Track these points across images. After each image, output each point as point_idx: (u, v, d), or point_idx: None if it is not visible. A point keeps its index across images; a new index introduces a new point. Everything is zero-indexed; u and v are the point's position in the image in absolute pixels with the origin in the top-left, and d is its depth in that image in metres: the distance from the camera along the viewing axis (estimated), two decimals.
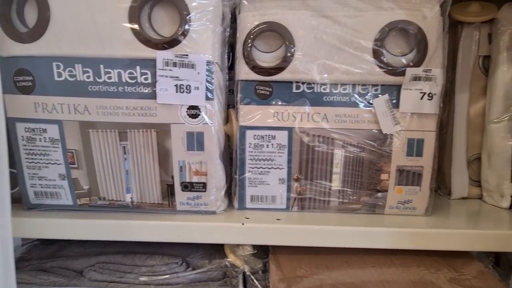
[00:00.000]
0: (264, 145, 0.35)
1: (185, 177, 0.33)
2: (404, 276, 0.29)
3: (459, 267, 0.31)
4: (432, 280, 0.28)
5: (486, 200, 0.43)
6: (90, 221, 0.32)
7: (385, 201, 0.35)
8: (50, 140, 0.32)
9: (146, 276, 0.30)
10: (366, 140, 0.34)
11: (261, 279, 0.31)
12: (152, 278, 0.30)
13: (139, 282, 0.29)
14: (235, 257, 0.32)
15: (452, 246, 0.31)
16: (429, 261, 0.32)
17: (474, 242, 0.32)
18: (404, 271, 0.30)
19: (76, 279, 0.30)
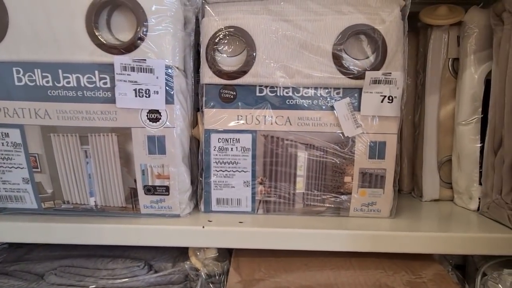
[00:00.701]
0: (229, 148, 0.36)
1: (148, 180, 0.33)
2: (360, 279, 0.29)
3: (417, 270, 0.31)
4: (388, 283, 0.28)
5: (456, 202, 0.43)
6: (54, 224, 0.32)
7: (350, 203, 0.36)
8: (13, 145, 0.32)
9: (105, 279, 0.30)
10: (329, 143, 0.34)
11: (217, 282, 0.31)
12: (111, 281, 0.30)
13: (97, 285, 0.30)
14: (196, 260, 0.33)
15: (412, 249, 0.31)
16: (388, 263, 0.32)
17: (434, 245, 0.32)
18: (361, 274, 0.30)
19: (35, 283, 0.30)
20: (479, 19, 0.39)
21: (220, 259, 0.32)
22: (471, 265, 0.39)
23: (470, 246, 0.32)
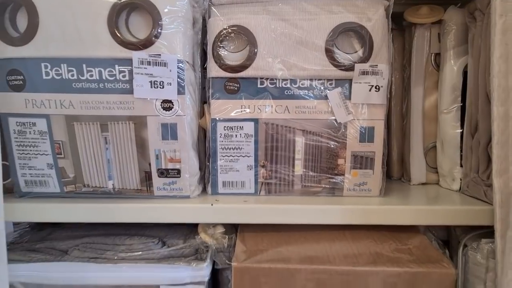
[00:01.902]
0: (233, 135, 0.39)
1: (161, 164, 0.37)
2: (353, 248, 0.33)
3: (403, 240, 0.35)
4: (377, 251, 0.32)
5: (441, 184, 0.47)
6: (75, 205, 0.36)
7: (343, 184, 0.39)
8: (39, 133, 0.36)
9: (124, 252, 0.33)
10: (323, 128, 0.38)
11: (226, 252, 0.34)
12: (129, 254, 0.33)
13: (117, 257, 0.33)
14: (206, 235, 0.36)
15: (398, 221, 0.35)
16: (378, 235, 0.36)
17: (419, 217, 0.35)
18: (354, 244, 0.34)
19: (61, 256, 0.34)
20: (456, 17, 0.43)
21: (227, 234, 0.36)
22: (454, 239, 0.42)
23: (451, 217, 0.36)
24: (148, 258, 0.33)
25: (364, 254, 0.32)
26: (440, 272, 0.30)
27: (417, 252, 0.32)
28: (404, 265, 0.30)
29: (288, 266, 0.31)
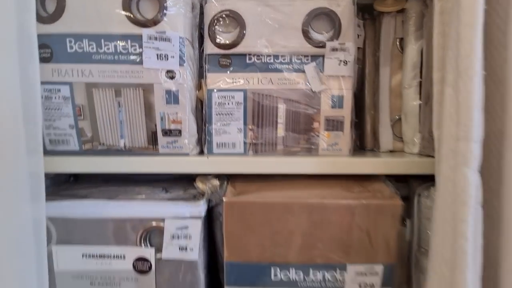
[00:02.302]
0: (226, 103, 0.46)
1: (165, 125, 0.44)
2: (323, 191, 0.40)
3: (366, 185, 0.42)
4: (342, 191, 0.39)
5: (405, 150, 0.54)
6: (93, 158, 0.43)
7: (318, 144, 0.47)
8: (63, 98, 0.43)
9: (134, 195, 0.40)
10: (301, 97, 0.46)
11: (218, 194, 0.41)
12: (138, 196, 0.40)
13: (128, 198, 0.39)
14: (202, 185, 0.43)
15: (363, 170, 0.42)
16: (346, 182, 0.43)
17: (380, 166, 0.43)
18: (327, 190, 0.41)
19: (82, 198, 0.40)
20: (416, 6, 0.51)
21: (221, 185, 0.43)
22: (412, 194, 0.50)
23: (406, 166, 0.43)
24: (153, 199, 0.40)
25: (331, 194, 0.39)
26: (389, 204, 0.37)
27: (374, 192, 0.40)
28: (361, 199, 0.38)
29: (270, 201, 0.38)
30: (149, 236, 0.39)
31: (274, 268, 0.40)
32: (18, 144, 0.36)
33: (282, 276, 0.40)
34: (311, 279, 0.39)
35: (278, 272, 0.40)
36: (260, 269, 0.40)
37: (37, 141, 0.37)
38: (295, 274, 0.40)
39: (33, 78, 0.37)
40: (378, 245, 0.38)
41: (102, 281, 0.39)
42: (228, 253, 0.39)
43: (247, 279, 0.40)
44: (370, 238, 0.38)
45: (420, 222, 0.46)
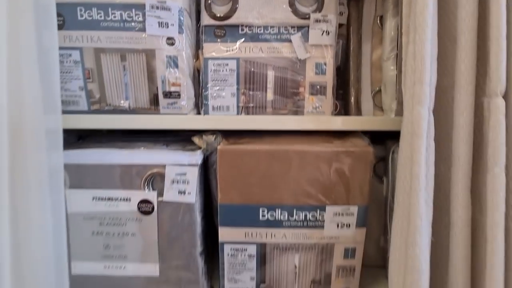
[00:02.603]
0: (220, 70, 0.51)
1: (166, 87, 0.48)
2: (305, 143, 0.45)
3: (345, 140, 0.47)
4: (325, 144, 0.44)
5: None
6: (101, 115, 0.47)
7: (304, 107, 0.52)
8: (74, 62, 0.47)
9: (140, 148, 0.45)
10: (288, 64, 0.51)
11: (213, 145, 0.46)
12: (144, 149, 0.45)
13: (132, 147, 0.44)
14: (199, 141, 0.48)
15: (343, 127, 0.47)
16: (327, 138, 0.48)
17: (357, 123, 0.48)
18: (310, 143, 0.46)
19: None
20: None
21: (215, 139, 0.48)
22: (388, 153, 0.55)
23: (381, 123, 0.49)
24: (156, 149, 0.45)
25: (312, 144, 0.44)
26: (362, 150, 0.43)
27: (350, 143, 0.45)
28: (336, 147, 0.43)
29: (258, 148, 0.43)
30: (152, 181, 0.44)
31: (262, 209, 0.45)
32: (36, 105, 0.40)
33: (269, 216, 0.45)
34: (294, 219, 0.45)
35: (265, 213, 0.45)
36: (250, 210, 0.45)
37: (56, 101, 0.42)
38: (280, 214, 0.45)
39: (52, 43, 0.41)
40: (353, 189, 0.43)
41: (110, 221, 0.44)
42: (221, 196, 0.44)
43: (238, 220, 0.45)
44: (346, 182, 0.43)
45: (394, 177, 0.51)
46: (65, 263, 0.41)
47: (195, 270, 0.46)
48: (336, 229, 0.45)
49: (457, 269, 0.32)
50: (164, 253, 0.46)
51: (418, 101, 0.32)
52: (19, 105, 0.39)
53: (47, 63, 0.41)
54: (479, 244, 0.33)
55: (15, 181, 0.38)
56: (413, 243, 0.31)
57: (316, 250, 0.47)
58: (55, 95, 0.42)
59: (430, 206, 0.32)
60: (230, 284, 0.48)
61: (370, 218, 0.57)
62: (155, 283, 0.46)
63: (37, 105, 0.40)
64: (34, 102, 0.40)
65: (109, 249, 0.45)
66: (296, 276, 0.48)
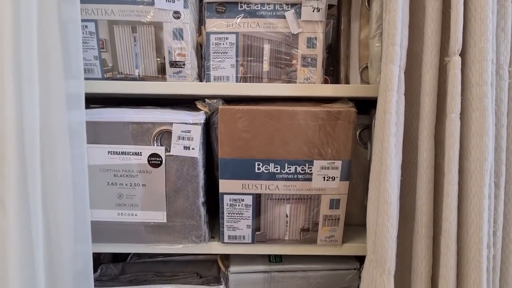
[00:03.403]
0: (221, 43, 0.57)
1: (172, 57, 0.54)
2: (297, 107, 0.51)
3: (332, 104, 0.53)
4: (312, 106, 0.50)
5: None
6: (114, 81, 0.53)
7: (296, 78, 0.57)
8: (89, 33, 0.52)
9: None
10: (283, 38, 0.56)
11: (214, 106, 0.52)
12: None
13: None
14: (202, 105, 0.53)
15: (330, 93, 0.53)
16: (316, 103, 0.54)
17: (342, 90, 0.54)
18: (302, 106, 0.51)
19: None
20: None
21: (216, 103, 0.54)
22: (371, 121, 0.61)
23: (365, 90, 0.55)
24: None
25: (302, 106, 0.50)
26: (346, 110, 0.48)
27: (336, 106, 0.51)
28: (323, 108, 0.49)
29: (254, 108, 0.49)
30: (161, 138, 0.50)
31: (258, 163, 0.50)
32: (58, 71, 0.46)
33: (264, 169, 0.51)
34: (286, 172, 0.50)
35: (261, 166, 0.51)
36: (247, 164, 0.50)
37: (79, 67, 0.47)
38: (274, 168, 0.50)
39: (75, 15, 0.46)
40: (338, 145, 0.49)
41: (123, 173, 0.50)
42: (222, 151, 0.50)
43: (236, 173, 0.51)
44: (331, 139, 0.49)
45: None
46: (87, 209, 0.46)
47: (198, 218, 0.52)
48: (322, 181, 0.51)
49: (422, 200, 0.38)
50: (170, 202, 0.52)
51: (391, 60, 0.37)
52: (46, 70, 0.44)
53: (71, 34, 0.46)
54: (440, 183, 0.38)
55: (43, 137, 0.44)
56: (384, 180, 0.37)
57: (305, 201, 0.52)
58: (79, 63, 0.47)
59: (400, 150, 0.38)
60: (229, 232, 0.54)
61: (355, 180, 0.63)
62: (162, 229, 0.52)
63: (59, 71, 0.46)
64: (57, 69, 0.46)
65: (122, 198, 0.51)
66: (287, 225, 0.53)
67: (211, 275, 0.65)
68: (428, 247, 0.39)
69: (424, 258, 0.38)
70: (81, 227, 0.47)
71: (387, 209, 0.37)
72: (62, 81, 0.45)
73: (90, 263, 0.48)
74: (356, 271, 0.59)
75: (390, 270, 0.37)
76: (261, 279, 0.59)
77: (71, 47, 0.46)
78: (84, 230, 0.47)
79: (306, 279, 0.58)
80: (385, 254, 0.37)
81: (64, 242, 0.48)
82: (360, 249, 0.57)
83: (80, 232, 0.47)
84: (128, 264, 0.68)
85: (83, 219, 0.47)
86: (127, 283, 0.63)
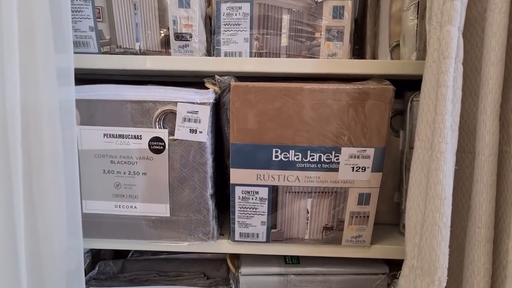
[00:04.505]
0: (234, 13, 0.49)
1: (178, 28, 0.47)
2: (322, 84, 0.44)
3: (364, 82, 0.45)
4: (344, 85, 0.43)
5: None
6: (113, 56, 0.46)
7: (319, 54, 0.50)
8: (84, 0, 0.46)
9: None
10: (304, 7, 0.48)
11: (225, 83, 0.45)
12: None
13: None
14: (212, 85, 0.47)
15: (359, 70, 0.45)
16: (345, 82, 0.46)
17: (374, 66, 0.46)
18: (327, 84, 0.44)
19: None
20: None
21: None
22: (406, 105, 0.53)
23: (401, 66, 0.47)
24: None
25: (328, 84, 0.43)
26: (381, 87, 0.41)
27: (369, 83, 0.43)
28: (355, 85, 0.41)
29: (272, 85, 0.42)
30: (164, 120, 0.43)
31: (275, 150, 0.43)
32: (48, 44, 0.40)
33: (282, 157, 0.44)
34: (308, 161, 0.43)
35: (278, 154, 0.44)
36: (262, 150, 0.43)
37: (67, 40, 0.41)
38: (294, 155, 0.43)
39: None
40: (371, 129, 0.42)
41: (121, 159, 0.44)
42: (233, 135, 0.43)
43: (250, 161, 0.44)
44: (363, 122, 0.41)
45: (412, 125, 0.49)
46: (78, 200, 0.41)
47: (206, 212, 0.46)
48: (351, 172, 0.43)
49: (483, 196, 0.30)
50: (174, 193, 0.45)
51: (448, 20, 0.30)
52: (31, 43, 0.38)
53: (58, 2, 0.40)
54: (505, 175, 0.31)
55: (28, 116, 0.38)
56: (437, 169, 0.29)
57: (329, 195, 0.45)
58: (68, 32, 0.41)
59: (456, 133, 0.31)
60: (241, 229, 0.48)
61: (384, 174, 0.55)
62: (165, 224, 0.46)
63: (48, 44, 0.40)
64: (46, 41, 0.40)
65: (120, 188, 0.45)
66: (307, 222, 0.47)
67: (220, 276, 0.59)
68: (488, 253, 0.31)
69: (482, 266, 0.31)
70: (71, 220, 0.41)
71: (439, 206, 0.30)
72: (51, 55, 0.39)
73: (81, 260, 0.42)
74: (385, 277, 0.52)
75: (442, 280, 0.30)
76: (276, 282, 0.53)
77: (60, 14, 0.39)
78: (74, 223, 0.42)
79: (327, 284, 0.51)
80: (436, 261, 0.30)
81: (55, 236, 0.43)
82: (391, 252, 0.49)
83: (70, 226, 0.41)
84: (129, 262, 0.63)
85: (73, 210, 0.41)
86: (127, 283, 0.57)
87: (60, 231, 0.41)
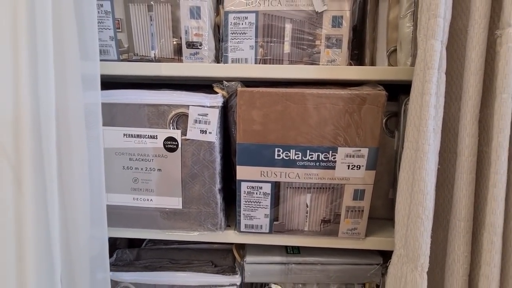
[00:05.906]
0: (240, 23, 0.54)
1: (189, 37, 0.51)
2: (321, 90, 0.47)
3: (359, 88, 0.49)
4: (338, 90, 0.46)
5: None
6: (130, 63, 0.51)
7: (319, 60, 0.54)
8: (105, 12, 0.51)
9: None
10: (306, 17, 0.52)
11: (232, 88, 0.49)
12: None
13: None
14: (220, 89, 0.51)
15: (356, 76, 0.49)
16: (342, 87, 0.50)
17: (370, 72, 0.50)
18: (324, 88, 0.48)
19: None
20: None
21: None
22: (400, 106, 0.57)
23: (395, 72, 0.50)
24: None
25: (326, 89, 0.46)
26: (375, 93, 0.45)
27: (364, 89, 0.47)
28: (351, 91, 0.45)
29: (275, 91, 0.46)
30: (177, 121, 0.48)
31: (278, 149, 0.48)
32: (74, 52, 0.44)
33: (284, 156, 0.48)
34: (308, 159, 0.48)
35: (281, 153, 0.48)
36: (266, 150, 0.48)
37: (94, 48, 0.46)
38: (295, 154, 0.48)
39: None
40: (365, 131, 0.45)
41: (138, 157, 0.48)
42: (240, 135, 0.47)
43: (255, 159, 0.48)
44: (358, 125, 0.45)
45: (405, 127, 0.53)
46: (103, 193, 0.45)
47: (214, 205, 0.50)
48: (346, 170, 0.47)
49: (462, 192, 0.34)
50: (186, 188, 0.50)
51: (432, 34, 0.33)
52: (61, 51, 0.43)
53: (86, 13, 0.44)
54: (484, 174, 0.34)
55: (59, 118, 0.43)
56: (420, 167, 0.33)
57: (327, 190, 0.50)
58: (94, 43, 0.46)
59: (438, 135, 0.34)
60: (246, 221, 0.52)
61: (380, 171, 0.59)
62: (178, 215, 0.51)
63: (75, 52, 0.44)
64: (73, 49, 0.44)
65: (137, 182, 0.50)
66: (307, 215, 0.51)
67: (226, 264, 0.63)
68: (467, 243, 0.35)
69: (461, 254, 0.35)
70: (97, 211, 0.46)
71: (422, 200, 0.33)
72: (78, 62, 0.44)
73: (106, 247, 0.47)
74: (379, 267, 0.56)
75: (424, 266, 0.34)
76: (278, 270, 0.57)
77: (86, 27, 0.44)
78: (100, 214, 0.47)
79: (325, 273, 0.56)
80: (419, 249, 0.34)
81: (81, 226, 0.48)
82: (384, 244, 0.53)
83: (96, 216, 0.46)
84: (143, 250, 0.68)
85: (99, 202, 0.46)
86: (143, 269, 0.62)
87: (86, 220, 0.46)
